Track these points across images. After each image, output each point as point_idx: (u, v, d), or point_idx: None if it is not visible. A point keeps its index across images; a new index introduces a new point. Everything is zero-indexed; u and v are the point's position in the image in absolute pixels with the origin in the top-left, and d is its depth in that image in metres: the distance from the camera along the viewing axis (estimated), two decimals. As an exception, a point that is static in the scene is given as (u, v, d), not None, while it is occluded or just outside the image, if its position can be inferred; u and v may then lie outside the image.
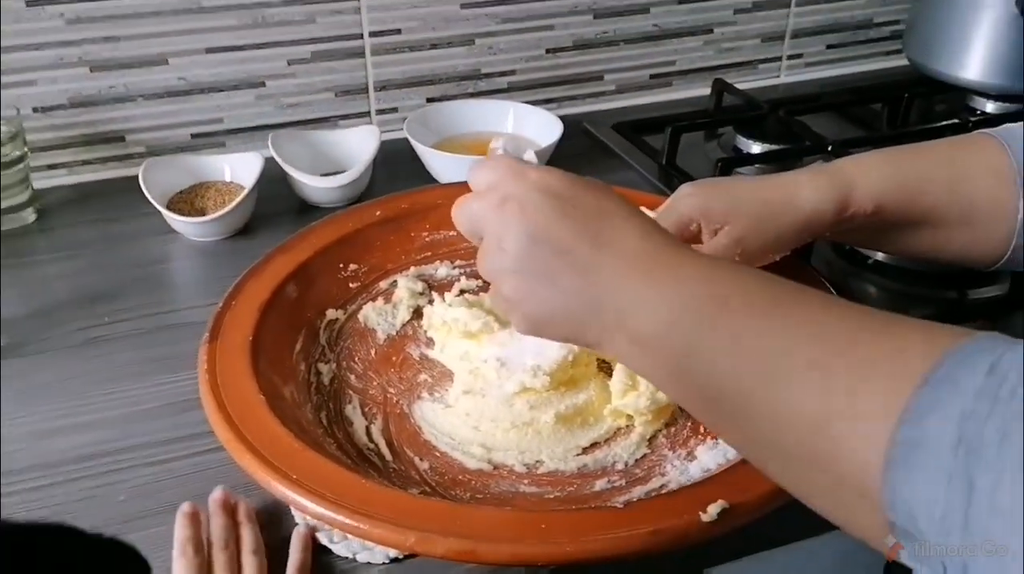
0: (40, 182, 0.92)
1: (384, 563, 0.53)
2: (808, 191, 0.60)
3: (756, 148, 1.00)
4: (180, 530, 0.53)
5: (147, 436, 0.63)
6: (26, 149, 0.86)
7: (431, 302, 0.72)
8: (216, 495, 0.56)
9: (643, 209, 0.49)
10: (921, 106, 1.12)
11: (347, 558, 0.54)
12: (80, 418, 0.64)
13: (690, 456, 0.59)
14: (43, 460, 0.61)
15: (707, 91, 1.12)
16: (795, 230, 0.61)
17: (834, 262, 0.83)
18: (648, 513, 0.50)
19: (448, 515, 0.50)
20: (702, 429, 0.61)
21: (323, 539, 0.54)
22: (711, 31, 1.15)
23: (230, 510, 0.55)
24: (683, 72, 1.17)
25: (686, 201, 0.62)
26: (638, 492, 0.56)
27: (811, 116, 1.05)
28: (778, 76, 1.21)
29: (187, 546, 0.52)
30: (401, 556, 0.53)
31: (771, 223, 0.61)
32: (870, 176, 0.60)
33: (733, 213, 0.60)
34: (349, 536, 0.54)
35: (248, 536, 0.54)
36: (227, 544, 0.53)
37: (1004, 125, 0.63)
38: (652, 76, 1.16)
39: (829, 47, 1.22)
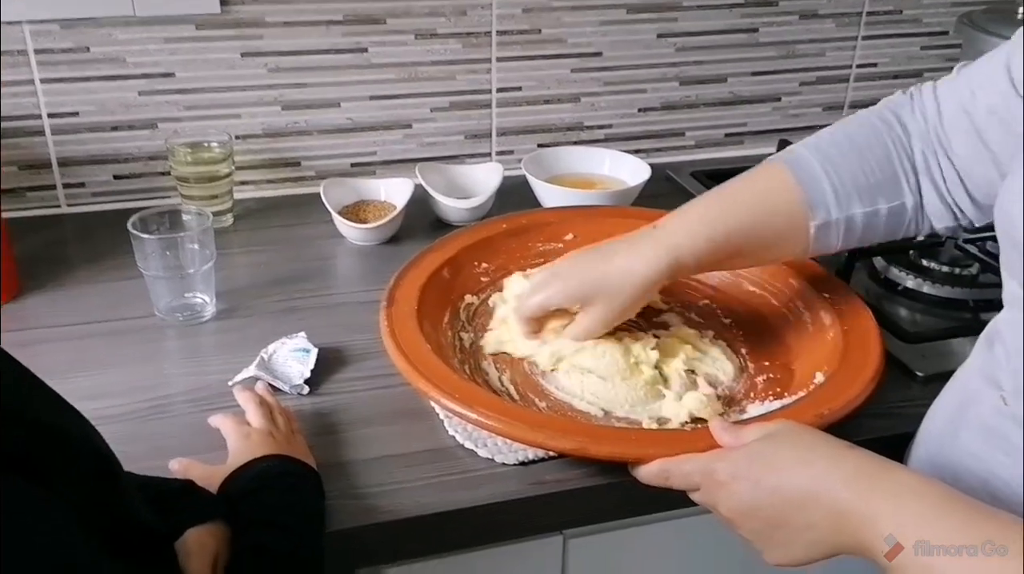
0: (236, 195, 1.17)
1: (515, 464, 0.73)
2: (642, 265, 0.76)
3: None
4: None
5: (339, 373, 0.84)
6: (234, 167, 1.11)
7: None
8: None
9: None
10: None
11: (488, 459, 0.74)
12: (285, 360, 0.87)
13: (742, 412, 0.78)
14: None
15: (773, 149, 1.32)
16: (638, 299, 0.78)
17: (870, 287, 1.01)
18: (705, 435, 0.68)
19: (564, 425, 0.70)
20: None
21: (469, 445, 0.74)
22: (779, 99, 1.36)
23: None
24: (754, 133, 1.37)
25: (556, 289, 0.79)
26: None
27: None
28: (837, 140, 1.41)
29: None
30: (527, 460, 0.73)
31: (619, 298, 0.77)
32: (690, 241, 0.76)
33: (590, 298, 0.78)
34: (489, 442, 0.74)
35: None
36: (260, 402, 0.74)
37: (790, 150, 0.78)
38: (727, 135, 1.37)
39: (882, 117, 1.41)
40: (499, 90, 1.23)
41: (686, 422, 0.77)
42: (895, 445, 0.75)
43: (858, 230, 0.76)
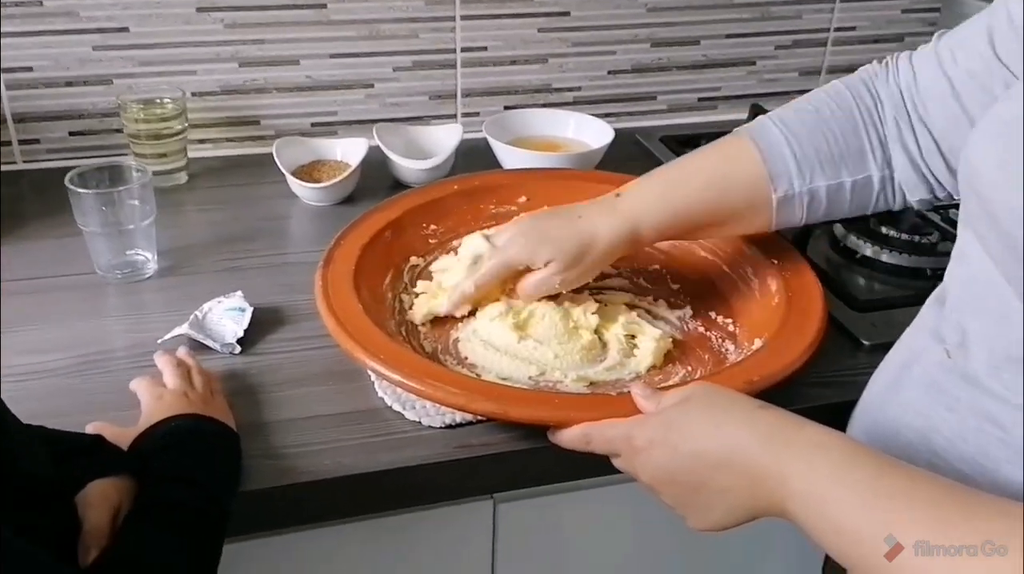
0: (192, 153, 1.15)
1: (441, 427, 0.72)
2: (605, 232, 0.77)
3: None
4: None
5: (275, 334, 0.83)
6: (187, 124, 1.09)
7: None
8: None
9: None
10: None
11: (415, 422, 0.73)
12: (223, 319, 0.86)
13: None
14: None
15: (746, 115, 1.29)
16: (599, 261, 0.79)
17: (830, 256, 1.00)
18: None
19: (486, 388, 0.69)
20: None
21: (397, 407, 0.74)
22: (753, 63, 1.33)
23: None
24: (727, 97, 1.35)
25: (516, 247, 0.78)
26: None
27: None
28: (814, 106, 1.38)
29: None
30: (454, 423, 0.72)
31: (581, 260, 0.78)
32: (650, 213, 0.77)
33: (554, 255, 0.77)
34: (417, 404, 0.73)
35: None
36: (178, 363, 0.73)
37: (757, 120, 0.77)
38: (699, 99, 1.34)
39: (861, 83, 1.38)
40: (464, 49, 1.21)
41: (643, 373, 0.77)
42: (837, 413, 0.73)
43: (822, 204, 0.75)
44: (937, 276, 0.94)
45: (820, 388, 0.79)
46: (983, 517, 0.44)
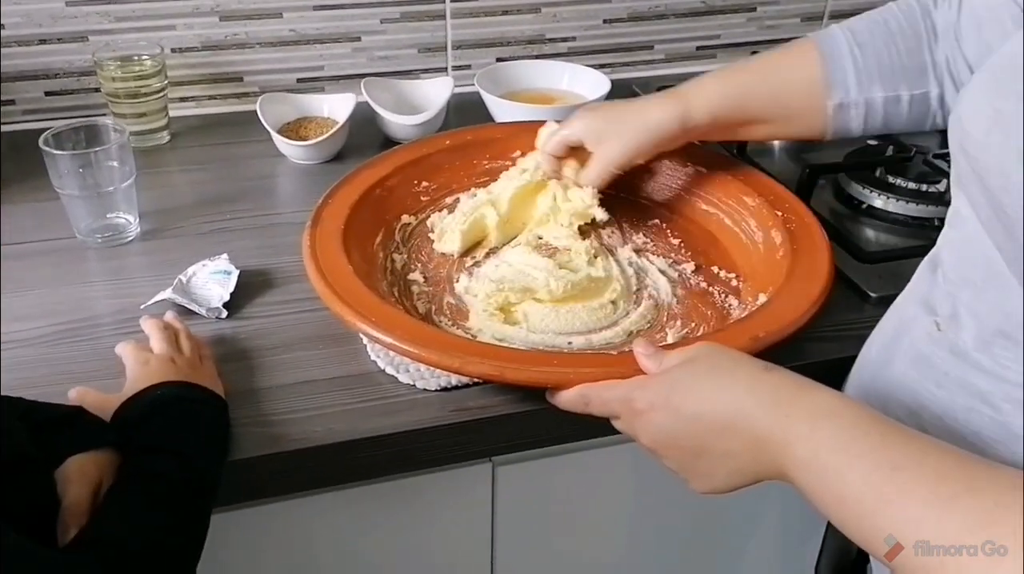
0: (173, 112, 1.11)
1: (437, 390, 0.70)
2: (657, 113, 0.79)
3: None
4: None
5: (262, 297, 0.80)
6: (166, 82, 1.05)
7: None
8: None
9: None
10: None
11: (409, 385, 0.70)
12: (209, 283, 0.83)
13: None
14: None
15: (746, 63, 1.26)
16: (651, 143, 0.80)
17: (835, 206, 0.97)
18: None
19: (482, 349, 0.67)
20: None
21: (390, 370, 0.71)
22: (754, 9, 1.28)
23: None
24: (727, 45, 1.30)
25: (577, 124, 0.82)
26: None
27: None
28: (816, 53, 1.34)
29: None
30: (449, 386, 0.70)
31: (633, 140, 0.80)
32: (704, 95, 0.78)
33: (607, 134, 0.81)
34: (411, 367, 0.71)
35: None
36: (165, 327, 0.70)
37: (828, 28, 0.77)
38: (698, 48, 1.30)
39: (864, 28, 1.33)
40: (453, -1, 1.17)
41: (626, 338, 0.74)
42: (842, 369, 0.71)
43: (879, 115, 0.74)
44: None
45: (825, 343, 0.77)
46: (991, 492, 0.42)
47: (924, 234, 0.92)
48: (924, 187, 0.94)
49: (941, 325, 0.57)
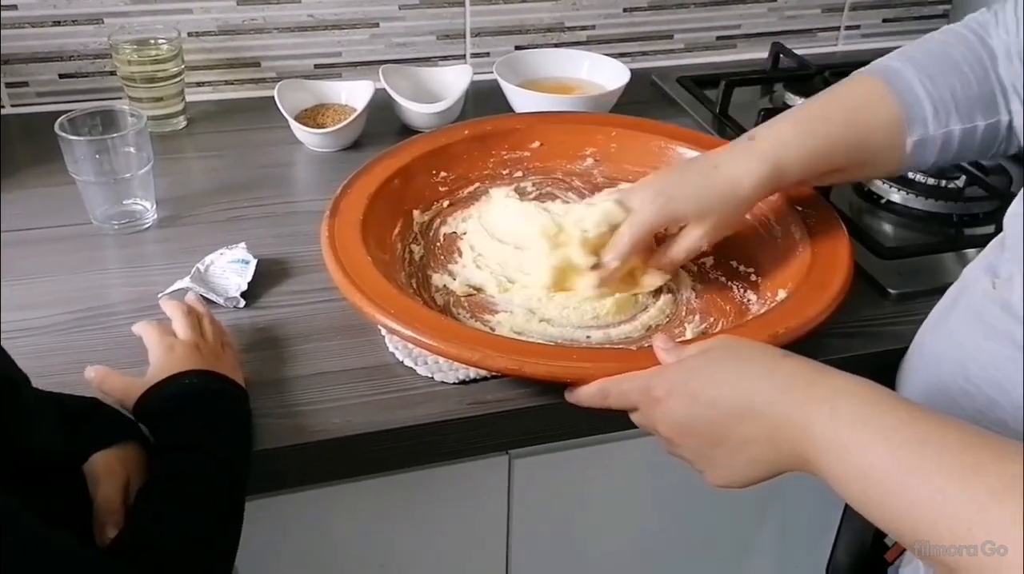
0: (189, 97, 1.10)
1: (455, 383, 0.70)
2: (747, 177, 0.72)
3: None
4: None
5: (280, 287, 0.80)
6: (183, 66, 1.05)
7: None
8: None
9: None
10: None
11: (427, 378, 0.70)
12: (226, 271, 0.82)
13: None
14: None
15: (766, 54, 1.24)
16: (743, 210, 0.75)
17: (853, 201, 0.96)
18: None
19: (501, 343, 0.66)
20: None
21: (409, 362, 0.71)
22: (775, -1, 1.27)
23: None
24: (747, 36, 1.29)
25: (651, 208, 0.73)
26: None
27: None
28: (835, 45, 1.32)
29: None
30: (468, 379, 0.70)
31: (726, 215, 0.74)
32: (791, 151, 0.72)
33: (696, 214, 0.73)
34: (429, 360, 0.70)
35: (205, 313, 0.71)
36: (188, 311, 0.69)
37: (882, 62, 0.75)
38: (718, 38, 1.28)
39: (885, 20, 1.32)
40: (472, -14, 1.15)
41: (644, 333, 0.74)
42: (862, 364, 0.71)
43: (954, 146, 0.73)
44: (963, 222, 0.92)
45: (845, 339, 0.76)
46: (1015, 461, 0.42)
47: (942, 230, 0.91)
48: (943, 183, 0.93)
49: (997, 285, 0.59)
